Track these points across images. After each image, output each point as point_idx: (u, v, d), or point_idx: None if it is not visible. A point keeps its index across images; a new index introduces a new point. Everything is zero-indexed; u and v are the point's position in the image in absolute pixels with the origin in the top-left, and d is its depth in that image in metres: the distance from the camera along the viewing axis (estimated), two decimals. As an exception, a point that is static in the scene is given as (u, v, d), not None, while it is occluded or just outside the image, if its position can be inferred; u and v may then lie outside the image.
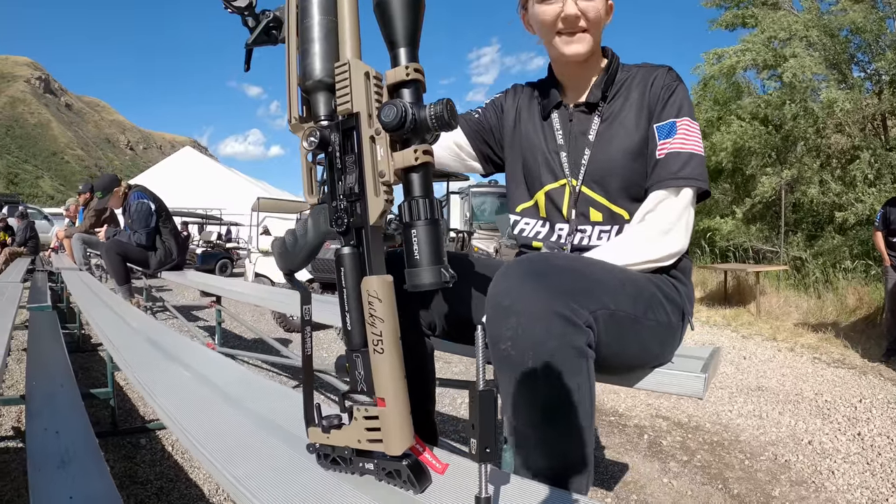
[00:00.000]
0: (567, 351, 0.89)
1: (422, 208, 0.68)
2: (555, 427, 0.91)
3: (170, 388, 1.54)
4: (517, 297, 0.90)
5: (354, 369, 0.77)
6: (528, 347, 0.88)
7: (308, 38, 0.79)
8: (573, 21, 1.25)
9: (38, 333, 3.28)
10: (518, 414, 0.93)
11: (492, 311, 0.93)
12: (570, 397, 0.89)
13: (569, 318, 0.89)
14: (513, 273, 0.94)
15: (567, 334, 0.89)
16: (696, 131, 1.26)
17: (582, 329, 0.91)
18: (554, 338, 0.88)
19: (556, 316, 0.89)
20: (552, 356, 0.88)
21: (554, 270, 0.96)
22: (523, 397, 0.91)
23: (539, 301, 0.89)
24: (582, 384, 0.91)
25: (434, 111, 0.67)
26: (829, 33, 10.67)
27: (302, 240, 0.80)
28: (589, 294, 0.96)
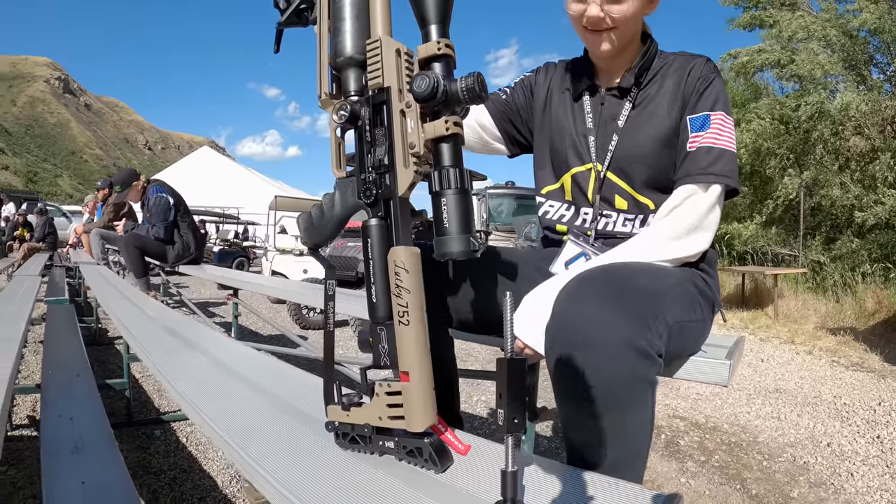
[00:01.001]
0: (640, 384, 0.88)
1: (452, 177, 0.68)
2: (616, 450, 0.90)
3: (188, 373, 1.55)
4: (595, 328, 0.87)
5: (378, 343, 0.77)
6: (603, 381, 0.86)
7: (340, 17, 0.80)
8: (596, 22, 1.23)
9: (55, 326, 3.31)
10: (578, 435, 0.92)
11: (566, 337, 0.90)
12: (635, 427, 0.90)
13: (645, 350, 0.87)
14: (587, 296, 0.92)
15: (642, 369, 0.87)
16: (729, 126, 1.23)
17: (655, 360, 0.89)
18: (630, 371, 0.86)
19: (633, 350, 0.86)
20: (626, 389, 0.87)
21: (627, 293, 0.93)
22: (586, 425, 0.90)
23: (618, 332, 0.86)
24: (647, 412, 0.91)
25: (465, 84, 0.67)
26: (847, 33, 10.55)
27: (329, 212, 0.80)
28: (657, 316, 0.93)
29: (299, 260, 7.73)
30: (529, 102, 1.47)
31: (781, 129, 11.21)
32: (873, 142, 10.78)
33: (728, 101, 1.27)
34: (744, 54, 11.37)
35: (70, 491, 1.26)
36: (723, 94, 1.25)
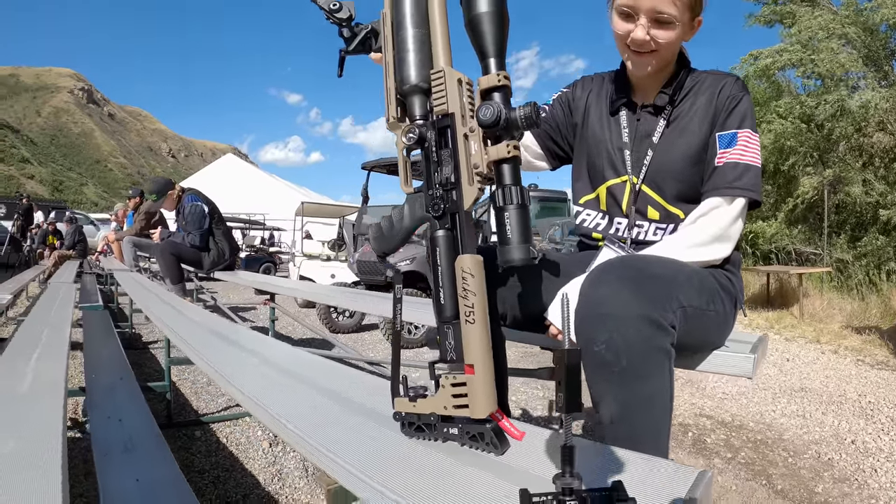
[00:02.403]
0: (656, 353, 0.99)
1: (514, 194, 0.78)
2: (641, 420, 1.01)
3: (244, 374, 1.63)
4: (613, 304, 0.99)
5: (445, 339, 0.87)
6: (623, 350, 0.97)
7: (404, 48, 0.89)
8: (641, 45, 1.30)
9: (93, 331, 3.44)
10: (607, 408, 1.02)
11: (588, 315, 1.02)
12: (655, 393, 1.00)
13: (658, 321, 0.99)
14: (606, 280, 1.03)
15: (656, 337, 0.99)
16: (755, 143, 1.31)
17: (668, 331, 1.01)
18: (645, 340, 0.98)
19: (647, 321, 0.98)
20: (643, 357, 0.98)
21: (642, 277, 1.05)
22: (614, 394, 1.00)
23: (632, 307, 0.98)
24: (666, 380, 1.01)
25: (524, 112, 0.77)
26: (868, 29, 10.48)
27: (398, 224, 0.90)
28: (670, 296, 1.05)
29: (326, 265, 7.85)
30: (568, 119, 1.56)
31: (803, 127, 11.16)
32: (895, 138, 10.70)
33: (755, 118, 1.35)
34: (765, 55, 11.33)
35: (126, 489, 1.35)
36: (750, 112, 1.33)
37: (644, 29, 1.28)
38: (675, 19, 1.27)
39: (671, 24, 1.27)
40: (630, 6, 1.28)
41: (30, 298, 7.34)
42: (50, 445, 1.07)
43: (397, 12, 0.92)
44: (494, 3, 0.85)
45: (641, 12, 1.27)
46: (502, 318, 1.38)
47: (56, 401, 1.41)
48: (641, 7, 1.26)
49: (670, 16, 1.26)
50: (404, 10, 0.91)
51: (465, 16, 0.87)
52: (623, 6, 1.29)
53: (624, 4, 1.29)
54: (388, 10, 0.94)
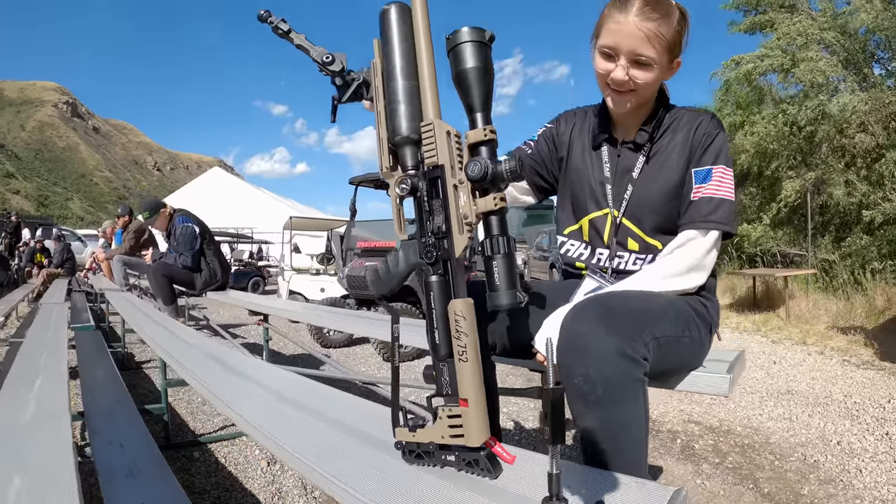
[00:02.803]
0: (630, 383, 1.08)
1: (501, 244, 0.85)
2: (619, 442, 1.09)
3: (245, 400, 1.68)
4: (590, 340, 1.08)
5: (441, 376, 0.93)
6: (599, 382, 1.06)
7: (394, 100, 0.95)
8: (621, 84, 1.37)
9: (86, 352, 3.45)
10: (587, 435, 1.11)
11: (567, 349, 1.11)
12: (631, 418, 1.09)
13: (631, 355, 1.08)
14: (584, 317, 1.12)
15: (630, 369, 1.08)
16: (729, 178, 1.40)
17: (640, 363, 1.10)
18: (619, 373, 1.07)
19: (621, 355, 1.07)
20: (618, 387, 1.07)
21: (616, 313, 1.14)
22: (592, 422, 1.09)
23: (607, 343, 1.07)
24: (640, 406, 1.10)
25: (509, 166, 0.84)
26: (846, 33, 10.66)
27: (395, 269, 0.97)
28: (643, 329, 1.14)
29: (315, 279, 7.88)
30: (553, 154, 1.64)
31: (785, 130, 11.32)
32: (878, 139, 10.87)
33: (729, 154, 1.43)
34: (747, 61, 11.50)
35: (133, 514, 1.40)
36: (725, 148, 1.42)
37: (624, 69, 1.35)
38: (654, 61, 1.34)
39: (650, 65, 1.35)
40: (611, 47, 1.35)
41: (20, 318, 7.33)
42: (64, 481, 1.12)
43: (388, 63, 0.98)
44: (480, 59, 0.92)
45: (622, 53, 1.35)
46: (492, 349, 1.45)
47: (63, 433, 1.46)
48: (622, 49, 1.34)
49: (649, 58, 1.33)
50: (394, 62, 0.97)
51: (452, 70, 0.94)
52: (605, 47, 1.37)
53: (605, 45, 1.36)
54: (379, 61, 1.00)
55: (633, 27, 1.32)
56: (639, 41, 1.32)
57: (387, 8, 0.99)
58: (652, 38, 1.32)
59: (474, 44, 0.92)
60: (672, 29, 1.35)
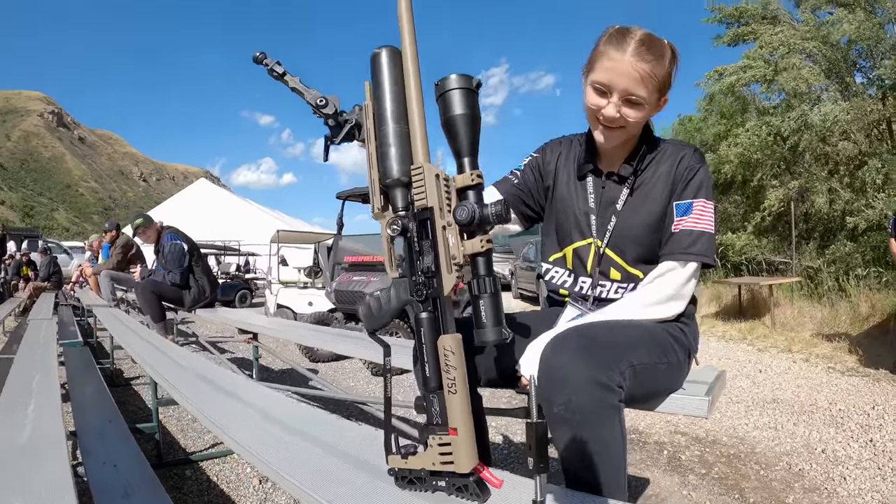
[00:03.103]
0: (606, 410, 1.14)
1: (487, 284, 0.90)
2: (598, 464, 1.15)
3: (235, 421, 1.70)
4: (568, 371, 1.14)
5: (431, 407, 0.97)
6: (577, 409, 1.12)
7: (385, 143, 1.00)
8: (611, 121, 1.41)
9: (75, 369, 3.45)
10: (569, 457, 1.16)
11: (547, 380, 1.17)
12: (608, 441, 1.15)
13: (607, 384, 1.14)
14: (564, 348, 1.19)
15: (606, 397, 1.14)
16: (709, 211, 1.45)
17: (616, 391, 1.16)
18: (596, 401, 1.13)
19: (597, 384, 1.13)
20: (595, 414, 1.13)
21: (594, 344, 1.20)
22: (572, 446, 1.15)
23: (584, 373, 1.13)
24: (617, 430, 1.16)
25: (494, 210, 0.89)
26: (828, 43, 10.82)
27: (386, 306, 1.01)
28: (619, 359, 1.20)
29: (303, 293, 7.91)
30: (540, 184, 1.68)
31: (769, 140, 11.45)
32: (860, 146, 11.03)
33: (710, 187, 1.49)
34: (730, 72, 11.61)
35: (130, 535, 1.43)
36: (706, 181, 1.47)
37: (615, 107, 1.39)
38: (645, 101, 1.39)
39: (641, 105, 1.39)
40: (605, 84, 1.39)
41: (6, 333, 7.30)
42: None
43: (379, 106, 1.02)
44: (468, 106, 0.96)
45: (615, 91, 1.38)
46: (479, 379, 1.49)
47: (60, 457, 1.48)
48: (616, 87, 1.38)
49: (641, 98, 1.38)
50: (385, 105, 1.01)
51: (440, 116, 0.98)
52: (598, 83, 1.40)
53: (599, 82, 1.40)
54: (371, 103, 1.04)
55: (629, 67, 1.35)
56: (633, 81, 1.36)
57: (378, 52, 1.03)
58: (646, 79, 1.36)
59: (462, 91, 0.96)
60: (664, 70, 1.39)
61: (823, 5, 11.21)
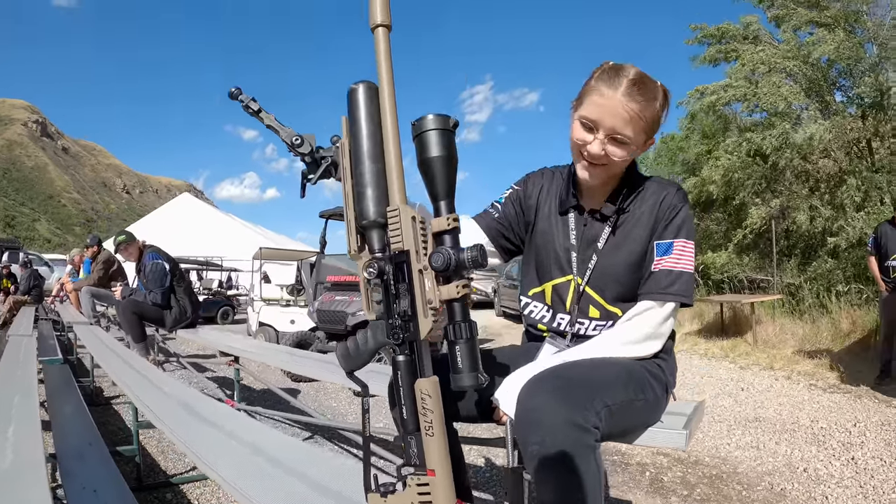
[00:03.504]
0: (581, 449, 1.15)
1: (463, 330, 0.90)
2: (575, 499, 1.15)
3: (217, 452, 1.70)
4: (543, 412, 1.16)
5: (409, 448, 0.97)
6: (552, 448, 1.14)
7: (362, 183, 0.99)
8: (596, 157, 1.41)
9: (55, 388, 3.41)
10: (545, 495, 1.17)
11: (524, 420, 1.19)
12: (584, 480, 1.15)
13: (581, 425, 1.15)
14: (539, 390, 1.21)
15: (581, 437, 1.15)
16: (689, 251, 1.45)
17: (591, 431, 1.17)
18: (571, 441, 1.14)
19: (572, 426, 1.15)
20: (570, 454, 1.13)
21: (569, 386, 1.22)
22: (549, 484, 1.16)
23: (559, 414, 1.15)
24: (592, 469, 1.16)
25: (470, 255, 0.88)
26: (808, 62, 10.99)
27: (363, 346, 1.00)
28: (594, 399, 1.22)
29: (286, 311, 7.89)
30: (520, 217, 1.66)
31: (749, 160, 11.57)
32: (839, 164, 11.19)
33: (692, 227, 1.49)
34: (711, 91, 11.73)
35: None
36: (687, 221, 1.47)
37: (601, 144, 1.39)
38: (631, 141, 1.39)
39: (627, 144, 1.39)
40: (592, 120, 1.38)
41: (-15, 347, 7.18)
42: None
43: (355, 145, 1.01)
44: (444, 148, 0.96)
45: (602, 128, 1.38)
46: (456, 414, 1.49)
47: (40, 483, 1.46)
48: (603, 124, 1.37)
49: (627, 137, 1.38)
50: (362, 144, 1.00)
51: (417, 156, 0.98)
52: (586, 118, 1.40)
53: (586, 117, 1.40)
54: (347, 141, 1.04)
55: (619, 106, 1.35)
56: (621, 120, 1.36)
57: (355, 87, 1.02)
58: (634, 119, 1.36)
59: (438, 132, 0.96)
60: (654, 112, 1.40)
61: (803, 25, 11.40)
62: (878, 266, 6.15)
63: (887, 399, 5.40)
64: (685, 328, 10.47)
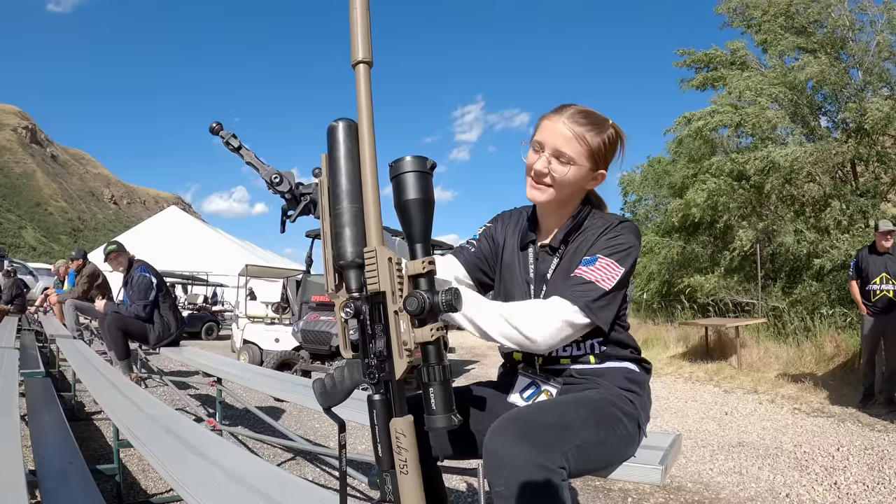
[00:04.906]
0: (547, 488, 1.17)
1: (437, 373, 0.91)
2: None
3: (196, 479, 1.69)
4: (509, 455, 1.19)
5: (384, 485, 0.97)
6: (517, 490, 1.16)
7: (339, 224, 1.00)
8: (539, 175, 1.51)
9: (36, 402, 3.37)
10: None
11: (490, 462, 1.22)
12: None
13: (547, 466, 1.18)
14: (504, 431, 1.24)
15: (546, 477, 1.17)
16: (613, 270, 1.42)
17: (557, 471, 1.19)
18: (536, 483, 1.16)
19: (536, 467, 1.17)
20: (536, 494, 1.16)
21: (535, 428, 1.25)
22: None
23: (524, 456, 1.18)
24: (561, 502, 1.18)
25: (445, 298, 0.89)
26: (793, 87, 11.14)
27: (340, 385, 1.01)
28: (561, 440, 1.25)
29: (270, 329, 7.89)
30: (492, 252, 1.73)
31: (735, 185, 11.67)
32: (825, 188, 11.31)
33: (626, 256, 1.46)
34: (697, 117, 11.86)
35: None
36: (622, 247, 1.46)
37: (545, 161, 1.49)
38: (573, 161, 1.48)
39: (568, 164, 1.48)
40: (539, 142, 1.52)
41: (-34, 360, 7.09)
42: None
43: (334, 184, 1.01)
44: (421, 191, 0.97)
45: (546, 147, 1.50)
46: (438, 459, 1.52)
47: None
48: (546, 143, 1.50)
49: (568, 156, 1.47)
50: (341, 183, 1.00)
51: (394, 198, 0.99)
52: (534, 141, 1.53)
53: (535, 140, 1.53)
54: (326, 179, 1.04)
55: (562, 126, 1.49)
56: (563, 139, 1.48)
57: (335, 125, 1.02)
58: (577, 139, 1.48)
59: (416, 174, 0.97)
60: (598, 139, 1.50)
61: (789, 51, 11.58)
62: (860, 290, 6.28)
63: (870, 423, 5.45)
64: (670, 351, 10.52)
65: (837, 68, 11.08)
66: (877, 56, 10.98)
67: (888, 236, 6.02)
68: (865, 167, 11.33)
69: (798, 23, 11.54)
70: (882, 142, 10.93)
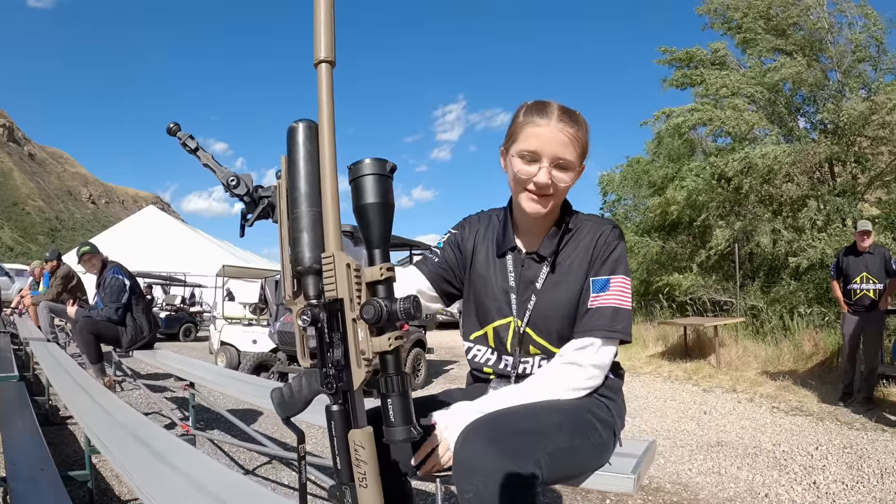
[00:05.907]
0: (519, 496, 1.13)
1: (395, 384, 0.87)
2: None
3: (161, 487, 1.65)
4: (479, 460, 1.15)
5: (344, 498, 0.94)
6: (488, 497, 1.12)
7: (298, 228, 0.96)
8: (543, 188, 1.42)
9: (9, 407, 3.32)
10: None
11: (459, 468, 1.18)
12: None
13: (518, 472, 1.14)
14: (475, 437, 1.20)
15: (517, 484, 1.14)
16: (626, 287, 1.45)
17: (527, 478, 1.15)
18: (507, 489, 1.12)
19: (507, 473, 1.13)
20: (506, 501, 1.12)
21: (507, 434, 1.21)
22: None
23: (495, 462, 1.14)
24: None
25: (403, 306, 0.86)
26: (771, 87, 11.25)
27: (298, 395, 0.97)
28: (534, 447, 1.21)
29: (247, 330, 7.84)
30: (460, 260, 1.66)
31: (714, 184, 11.76)
32: (802, 188, 11.43)
33: (627, 263, 1.50)
34: (676, 114, 11.93)
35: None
36: (623, 258, 1.48)
37: (547, 172, 1.41)
38: (573, 165, 1.43)
39: (569, 169, 1.43)
40: (534, 152, 1.41)
41: (-61, 363, 6.96)
42: None
43: (293, 187, 0.97)
44: (380, 194, 0.93)
45: (545, 157, 1.41)
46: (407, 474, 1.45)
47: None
48: (545, 153, 1.40)
49: (569, 162, 1.42)
50: (299, 186, 0.97)
51: (353, 201, 0.95)
52: (527, 151, 1.42)
53: (527, 150, 1.42)
54: (285, 181, 1.00)
55: (556, 131, 1.40)
56: (561, 145, 1.40)
57: (294, 126, 0.99)
58: (573, 142, 1.41)
59: (375, 177, 0.93)
60: (585, 136, 1.45)
61: (768, 52, 11.69)
62: (841, 290, 6.35)
63: (849, 421, 5.49)
64: (649, 350, 10.55)
65: (815, 70, 11.20)
66: (854, 58, 11.11)
67: (865, 236, 6.09)
68: (843, 167, 11.46)
69: (777, 25, 11.64)
70: (859, 142, 11.05)
